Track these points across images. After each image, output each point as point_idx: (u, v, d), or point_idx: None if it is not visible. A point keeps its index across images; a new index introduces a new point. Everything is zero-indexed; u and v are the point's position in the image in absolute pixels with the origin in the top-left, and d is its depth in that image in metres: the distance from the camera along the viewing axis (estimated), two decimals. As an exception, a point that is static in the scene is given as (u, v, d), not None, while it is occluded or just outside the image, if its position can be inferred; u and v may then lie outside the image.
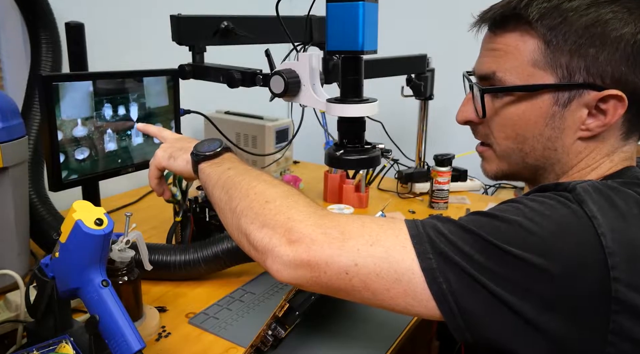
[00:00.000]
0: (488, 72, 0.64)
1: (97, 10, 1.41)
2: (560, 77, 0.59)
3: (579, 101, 0.59)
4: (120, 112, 1.06)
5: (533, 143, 0.63)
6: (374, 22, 0.82)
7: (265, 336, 0.76)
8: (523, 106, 0.62)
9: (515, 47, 0.61)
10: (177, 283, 1.02)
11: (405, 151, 1.73)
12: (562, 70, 0.59)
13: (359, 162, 0.89)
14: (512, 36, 0.62)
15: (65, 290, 0.70)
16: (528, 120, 0.62)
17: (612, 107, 0.58)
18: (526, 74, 0.61)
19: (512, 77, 0.62)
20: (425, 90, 1.56)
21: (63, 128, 0.96)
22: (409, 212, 1.46)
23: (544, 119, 0.61)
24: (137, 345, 0.65)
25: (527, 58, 0.61)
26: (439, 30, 1.85)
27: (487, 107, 0.65)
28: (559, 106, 0.60)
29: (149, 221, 1.33)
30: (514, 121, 0.64)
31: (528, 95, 0.62)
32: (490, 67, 0.64)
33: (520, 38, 0.61)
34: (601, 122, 0.59)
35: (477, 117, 0.68)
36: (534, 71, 0.60)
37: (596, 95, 0.58)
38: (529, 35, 0.60)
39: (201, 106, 1.30)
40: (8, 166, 0.88)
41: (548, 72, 0.60)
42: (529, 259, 0.48)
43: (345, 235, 0.55)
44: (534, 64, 0.60)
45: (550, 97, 0.60)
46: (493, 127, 0.66)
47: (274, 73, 0.92)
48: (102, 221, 0.68)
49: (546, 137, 0.62)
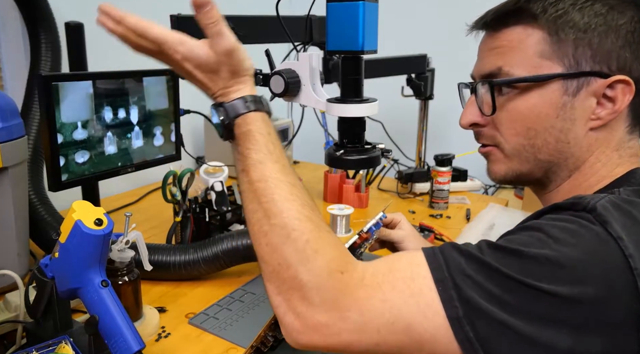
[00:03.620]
0: (493, 68, 0.64)
1: (97, 10, 1.41)
2: (567, 66, 0.60)
3: (587, 89, 0.60)
4: (120, 115, 1.06)
5: (545, 136, 0.62)
6: (374, 22, 0.82)
7: (266, 337, 0.76)
8: (533, 98, 0.61)
9: (520, 41, 0.61)
10: (177, 283, 1.02)
11: (405, 151, 1.73)
12: (569, 60, 0.59)
13: (359, 162, 0.89)
14: (516, 31, 0.62)
15: (65, 290, 0.70)
16: (539, 112, 0.62)
17: (621, 93, 0.59)
18: (533, 66, 0.61)
19: (519, 70, 0.61)
20: (425, 90, 1.56)
21: (63, 131, 0.96)
22: (409, 212, 1.46)
23: (555, 110, 0.61)
24: (137, 345, 0.65)
25: (533, 50, 0.61)
26: (439, 30, 1.85)
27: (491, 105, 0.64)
28: (568, 96, 0.60)
29: (149, 221, 1.33)
30: (525, 115, 0.62)
31: (537, 86, 0.61)
32: (495, 63, 0.63)
33: (524, 31, 0.61)
34: (611, 110, 0.60)
35: (482, 118, 0.67)
36: (540, 62, 0.60)
37: (604, 82, 0.59)
38: (532, 27, 0.61)
39: (201, 106, 1.29)
40: (8, 166, 0.88)
41: (555, 62, 0.60)
42: (561, 293, 0.47)
43: (365, 316, 0.52)
44: (541, 55, 0.60)
45: (560, 86, 0.60)
46: (501, 124, 0.65)
47: (274, 73, 0.92)
48: (102, 221, 0.68)
49: (558, 129, 0.61)
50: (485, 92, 0.65)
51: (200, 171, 1.22)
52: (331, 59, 1.18)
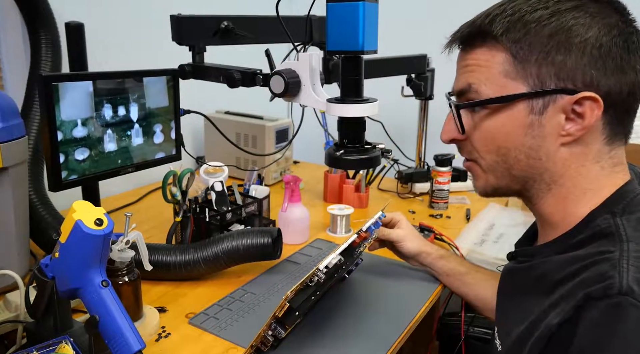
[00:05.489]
0: (464, 85, 0.65)
1: (97, 10, 1.41)
2: (532, 85, 0.61)
3: (554, 106, 0.60)
4: (120, 113, 1.06)
5: (516, 154, 0.64)
6: (374, 22, 0.82)
7: (265, 336, 0.76)
8: (500, 118, 0.63)
9: (486, 61, 0.63)
10: (177, 283, 1.02)
11: (405, 151, 1.72)
12: (533, 79, 0.60)
13: (359, 162, 0.90)
14: (481, 51, 0.63)
15: (65, 290, 0.70)
16: (507, 132, 0.63)
17: (589, 109, 0.59)
18: (499, 86, 0.62)
19: (487, 88, 0.63)
20: (425, 90, 1.56)
21: (63, 128, 0.96)
22: (409, 212, 1.46)
23: (523, 129, 0.62)
24: (137, 345, 0.65)
25: (498, 70, 0.62)
26: (439, 30, 1.85)
27: (467, 123, 0.67)
28: (535, 114, 0.61)
29: (149, 221, 1.33)
30: (494, 134, 0.64)
31: (504, 106, 0.63)
32: (465, 80, 0.65)
33: (488, 52, 0.63)
34: (580, 126, 0.60)
35: (459, 134, 0.69)
36: (506, 82, 0.62)
37: (570, 98, 0.59)
38: (496, 49, 0.62)
39: (201, 106, 1.30)
40: (8, 166, 0.88)
41: (520, 82, 0.61)
42: None
43: None
44: (506, 75, 0.62)
45: (525, 106, 0.61)
46: (475, 142, 0.67)
47: (274, 73, 0.92)
48: (102, 221, 0.68)
49: (528, 146, 0.63)
50: (464, 110, 0.67)
51: (200, 171, 1.22)
52: (331, 59, 1.18)
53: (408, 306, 0.95)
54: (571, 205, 0.64)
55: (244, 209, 1.20)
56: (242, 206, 1.20)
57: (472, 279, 0.99)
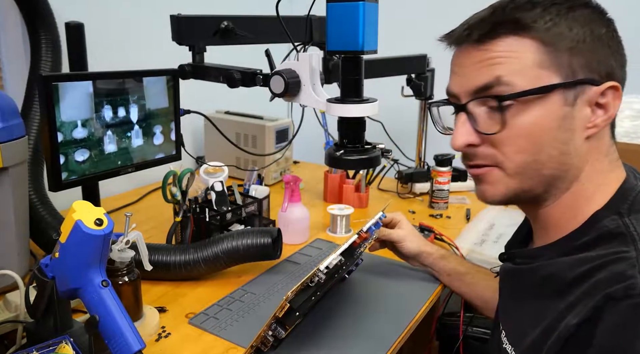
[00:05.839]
0: (490, 79, 0.60)
1: (97, 10, 1.41)
2: (564, 76, 0.59)
3: (582, 98, 0.60)
4: (120, 114, 1.06)
5: (550, 150, 0.60)
6: (374, 22, 0.82)
7: (266, 337, 0.76)
8: (535, 111, 0.59)
9: (515, 51, 0.59)
10: (177, 283, 1.02)
11: (405, 151, 1.72)
12: (565, 69, 0.59)
13: (359, 162, 0.90)
14: (508, 41, 0.60)
15: (65, 290, 0.70)
16: (542, 125, 0.59)
17: (612, 99, 0.60)
18: (533, 76, 0.59)
19: (520, 79, 0.59)
20: (425, 90, 1.56)
21: (63, 130, 0.96)
22: (409, 213, 1.46)
23: (557, 122, 0.59)
24: (137, 345, 0.65)
25: (531, 60, 0.59)
26: (439, 31, 1.85)
27: (490, 123, 0.61)
28: (568, 106, 0.59)
29: (149, 221, 1.33)
30: (529, 130, 0.60)
31: (538, 98, 0.59)
32: (491, 73, 0.60)
33: (516, 42, 0.59)
34: (605, 117, 0.60)
35: (477, 137, 0.63)
36: (540, 72, 0.59)
37: (597, 89, 0.59)
38: (526, 38, 0.59)
39: (201, 106, 1.30)
40: (8, 166, 0.88)
41: (552, 72, 0.59)
42: None
43: None
44: (539, 65, 0.59)
45: (560, 97, 0.59)
46: (502, 142, 0.61)
47: (274, 73, 0.92)
48: (102, 221, 0.68)
49: (560, 141, 0.60)
50: (486, 109, 0.62)
51: (200, 171, 1.22)
52: (331, 59, 1.18)
53: (408, 306, 0.95)
54: (584, 204, 0.62)
55: (244, 209, 1.20)
56: (242, 206, 1.20)
57: (472, 279, 0.99)
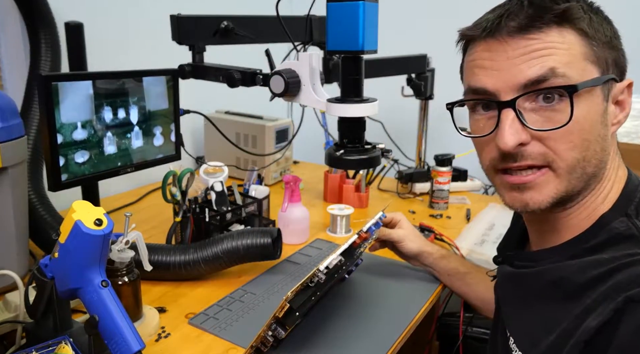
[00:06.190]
0: (544, 71, 0.56)
1: (97, 10, 1.41)
2: (603, 70, 0.59)
3: (610, 94, 0.61)
4: (120, 115, 1.06)
5: (594, 146, 0.58)
6: (374, 22, 0.82)
7: (265, 337, 0.76)
8: (585, 105, 0.57)
9: (561, 43, 0.57)
10: (177, 283, 1.01)
11: (405, 151, 1.72)
12: (604, 64, 0.59)
13: (359, 162, 0.90)
14: (555, 32, 0.57)
15: (65, 290, 0.70)
16: (591, 120, 0.58)
17: (628, 96, 0.61)
18: (582, 69, 0.57)
19: (573, 71, 0.56)
20: (426, 90, 1.56)
21: (63, 131, 0.96)
22: (409, 212, 1.46)
23: (600, 116, 0.59)
24: (137, 345, 0.65)
25: (578, 52, 0.57)
26: (439, 30, 1.85)
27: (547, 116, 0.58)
28: (605, 101, 0.60)
29: (149, 221, 1.33)
30: (581, 125, 0.57)
31: (587, 92, 0.57)
32: (544, 65, 0.56)
33: (561, 34, 0.57)
34: (625, 113, 0.62)
35: (528, 136, 0.59)
36: (586, 65, 0.57)
37: (621, 86, 0.61)
38: (570, 29, 0.57)
39: (201, 106, 1.30)
40: (7, 166, 0.88)
41: (595, 66, 0.58)
42: None
43: None
44: (586, 57, 0.58)
45: (601, 92, 0.59)
46: (556, 139, 0.58)
47: (274, 73, 0.92)
48: (102, 221, 0.68)
49: (602, 136, 0.59)
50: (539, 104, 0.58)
51: (200, 171, 1.22)
52: (331, 59, 1.18)
53: (408, 306, 0.95)
54: (600, 204, 0.62)
55: (244, 209, 1.20)
56: (242, 206, 1.20)
57: (473, 279, 0.98)
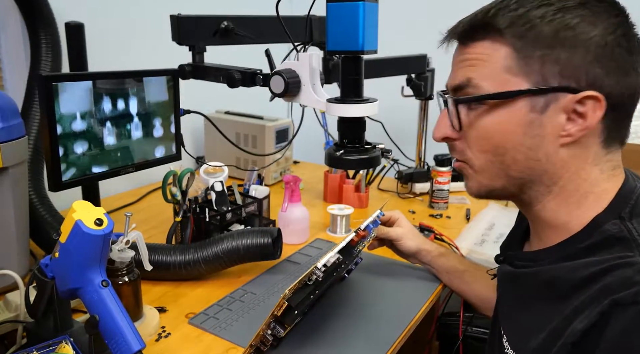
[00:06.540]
0: (462, 80, 0.63)
1: (97, 10, 1.41)
2: (534, 82, 0.59)
3: (556, 105, 0.59)
4: (119, 106, 1.06)
5: (514, 154, 0.62)
6: (374, 22, 0.82)
7: (265, 336, 0.76)
8: (499, 116, 0.61)
9: (488, 55, 0.61)
10: (177, 283, 1.02)
11: (405, 151, 1.73)
12: (536, 76, 0.59)
13: (359, 162, 0.90)
14: (483, 45, 0.61)
15: (65, 290, 0.70)
16: (506, 130, 0.61)
17: (591, 109, 0.58)
18: (501, 81, 0.60)
19: (487, 84, 0.61)
20: (425, 90, 1.56)
21: (62, 122, 0.96)
22: (409, 212, 1.46)
23: (522, 128, 0.60)
24: (137, 345, 0.65)
25: (500, 65, 0.60)
26: (439, 31, 1.85)
27: (463, 120, 0.64)
28: (535, 113, 0.59)
29: (149, 221, 1.33)
30: (491, 133, 0.62)
31: (504, 103, 0.60)
32: (464, 75, 0.63)
33: (490, 46, 0.61)
34: (581, 126, 0.59)
35: (453, 132, 0.66)
36: (508, 78, 0.60)
37: (573, 97, 0.58)
38: (498, 43, 0.60)
39: (201, 106, 1.30)
40: (8, 166, 0.88)
41: (522, 79, 0.59)
42: None
43: None
44: (508, 70, 0.60)
45: (527, 103, 0.59)
46: (469, 140, 0.65)
47: (274, 73, 0.92)
48: (102, 221, 0.68)
49: (527, 146, 0.61)
50: (453, 107, 0.65)
51: (200, 171, 1.22)
52: (331, 59, 1.18)
53: (408, 306, 0.95)
54: (575, 208, 0.62)
55: (244, 209, 1.20)
56: (242, 206, 1.20)
57: (471, 277, 0.98)
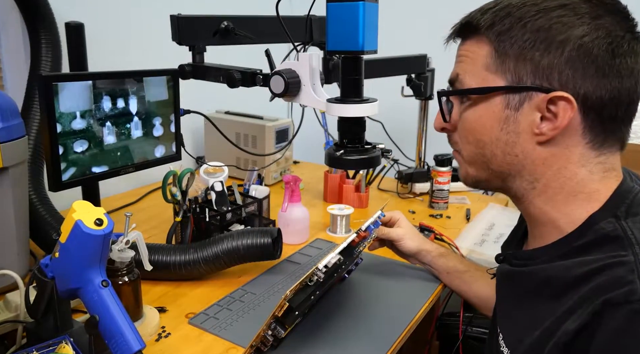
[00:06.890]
0: (453, 75, 0.68)
1: (97, 10, 1.41)
2: (509, 80, 0.62)
3: (529, 104, 0.61)
4: (119, 105, 1.06)
5: (492, 148, 0.65)
6: (374, 22, 0.82)
7: (265, 336, 0.76)
8: (479, 110, 0.65)
9: (473, 52, 0.65)
10: (177, 283, 1.02)
11: (405, 151, 1.73)
12: (511, 74, 0.61)
13: (359, 162, 0.90)
14: (470, 43, 0.65)
15: (65, 290, 0.70)
16: (484, 124, 0.65)
17: (562, 110, 0.58)
18: (480, 78, 0.64)
19: (470, 79, 0.65)
20: (425, 90, 1.56)
21: (62, 121, 0.96)
22: (409, 212, 1.46)
23: (499, 123, 0.63)
24: (137, 345, 0.65)
25: (481, 62, 0.64)
26: (439, 30, 1.85)
27: (453, 112, 0.69)
28: (510, 109, 0.62)
29: (149, 221, 1.33)
30: (473, 126, 0.66)
31: (483, 98, 0.64)
32: (455, 71, 0.68)
33: (476, 44, 0.64)
34: (553, 125, 0.60)
35: (447, 123, 0.70)
36: (486, 75, 0.63)
37: (544, 97, 0.59)
38: (482, 42, 0.63)
39: (201, 106, 1.30)
40: (8, 166, 0.88)
41: (498, 76, 0.62)
42: None
43: None
44: (486, 68, 0.63)
45: (502, 100, 0.63)
46: (459, 132, 0.69)
47: (274, 73, 0.92)
48: (102, 221, 0.68)
49: (503, 142, 0.64)
50: (444, 100, 0.70)
51: (200, 171, 1.22)
52: (331, 59, 1.18)
53: (408, 306, 0.95)
54: (562, 206, 0.63)
55: (244, 209, 1.20)
56: (242, 206, 1.20)
57: (471, 277, 0.99)
